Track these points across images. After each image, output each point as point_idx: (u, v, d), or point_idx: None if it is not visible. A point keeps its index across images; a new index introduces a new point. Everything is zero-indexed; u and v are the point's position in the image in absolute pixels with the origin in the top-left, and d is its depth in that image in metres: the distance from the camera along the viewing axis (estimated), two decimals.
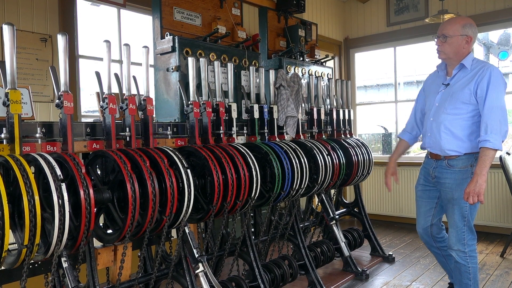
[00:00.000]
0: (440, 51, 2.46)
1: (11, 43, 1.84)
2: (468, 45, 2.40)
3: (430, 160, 2.55)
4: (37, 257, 1.80)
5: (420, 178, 2.67)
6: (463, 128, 2.39)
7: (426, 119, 2.59)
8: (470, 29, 2.40)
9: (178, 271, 2.41)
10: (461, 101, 2.37)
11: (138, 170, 2.03)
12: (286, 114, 3.32)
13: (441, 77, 2.56)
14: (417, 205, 2.69)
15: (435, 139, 2.47)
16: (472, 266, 2.42)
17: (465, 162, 2.39)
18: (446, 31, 2.41)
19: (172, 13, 3.03)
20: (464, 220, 2.40)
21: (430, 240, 2.67)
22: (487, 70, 2.34)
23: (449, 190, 2.43)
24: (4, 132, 1.85)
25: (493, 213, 5.00)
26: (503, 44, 6.58)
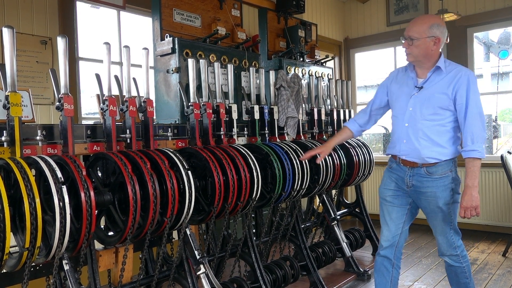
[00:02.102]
0: (408, 53, 2.32)
1: (11, 46, 1.84)
2: (436, 46, 2.27)
3: (403, 167, 2.37)
4: (38, 260, 1.80)
5: (388, 183, 2.47)
6: (442, 134, 2.29)
7: (397, 124, 2.41)
8: (438, 30, 2.25)
9: (180, 272, 2.41)
10: (439, 107, 2.25)
11: (139, 172, 2.03)
12: (287, 115, 3.32)
13: (411, 79, 2.39)
14: (386, 211, 2.48)
15: (413, 147, 2.31)
16: (466, 265, 2.39)
17: (444, 168, 2.30)
18: (412, 33, 2.26)
19: (171, 15, 3.03)
20: (450, 224, 2.34)
21: (390, 253, 2.48)
22: (465, 75, 2.26)
23: (432, 199, 2.30)
24: (5, 135, 1.85)
25: (494, 212, 4.99)
26: (503, 43, 6.57)
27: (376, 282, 2.53)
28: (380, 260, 2.51)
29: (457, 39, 5.18)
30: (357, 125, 2.66)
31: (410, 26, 2.29)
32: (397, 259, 2.50)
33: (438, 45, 2.28)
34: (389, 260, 2.48)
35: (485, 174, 5.04)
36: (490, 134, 6.68)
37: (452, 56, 5.28)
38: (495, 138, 7.01)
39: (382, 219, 2.51)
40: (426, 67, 2.34)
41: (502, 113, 7.53)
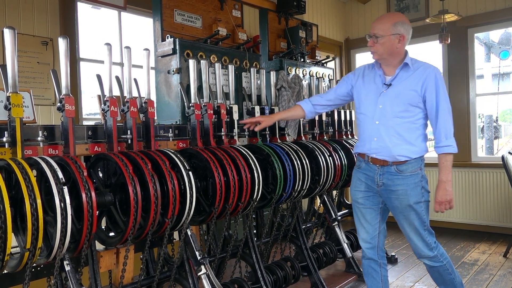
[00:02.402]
0: (373, 52, 2.33)
1: (12, 47, 1.84)
2: (401, 44, 2.27)
3: (373, 166, 2.35)
4: (39, 261, 1.80)
5: (358, 185, 2.45)
6: (413, 131, 2.29)
7: (366, 122, 2.39)
8: (402, 27, 2.26)
9: (181, 273, 2.41)
10: (409, 104, 2.26)
11: (140, 172, 2.03)
12: None
13: (378, 76, 2.38)
14: (360, 214, 2.47)
15: (384, 144, 2.30)
16: (446, 262, 2.38)
17: (414, 166, 2.29)
18: (376, 31, 2.27)
19: (172, 16, 3.04)
20: (424, 224, 2.33)
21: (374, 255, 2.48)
22: (432, 72, 2.27)
23: (403, 197, 2.29)
24: (6, 135, 1.85)
25: (495, 213, 4.99)
26: (504, 44, 6.57)
27: (368, 285, 2.54)
28: (366, 263, 2.52)
29: (457, 39, 5.18)
30: (311, 106, 2.65)
31: (375, 24, 2.31)
32: (381, 258, 2.50)
33: (403, 43, 2.29)
34: (375, 261, 2.49)
35: (486, 175, 5.04)
36: (491, 135, 6.68)
37: (453, 56, 5.28)
38: (495, 138, 7.01)
39: (357, 221, 2.51)
40: (392, 65, 2.35)
41: (503, 114, 7.54)
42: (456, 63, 5.25)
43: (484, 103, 5.84)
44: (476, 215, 5.14)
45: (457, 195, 5.24)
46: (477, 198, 5.11)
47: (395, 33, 2.25)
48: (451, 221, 5.30)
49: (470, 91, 5.22)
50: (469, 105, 5.22)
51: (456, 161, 5.21)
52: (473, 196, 5.14)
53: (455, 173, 5.24)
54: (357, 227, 2.53)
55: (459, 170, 5.22)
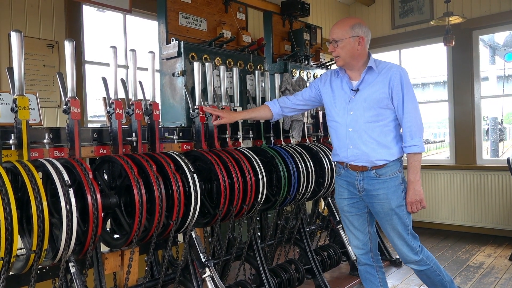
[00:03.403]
0: (336, 57, 2.31)
1: (19, 50, 1.86)
2: (361, 46, 2.26)
3: (352, 172, 2.34)
4: (45, 263, 1.81)
5: (341, 192, 2.43)
6: (387, 134, 2.27)
7: (340, 130, 2.36)
8: (360, 29, 2.26)
9: (185, 275, 2.41)
10: (379, 106, 2.25)
11: (144, 175, 2.04)
12: (292, 118, 3.32)
13: (345, 82, 2.37)
14: (347, 221, 2.45)
15: (361, 151, 2.28)
16: (433, 264, 2.37)
17: (393, 168, 2.28)
18: (335, 35, 2.28)
19: (177, 18, 3.05)
20: (407, 229, 2.31)
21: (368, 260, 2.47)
22: (396, 71, 2.25)
23: (385, 201, 2.27)
24: (12, 138, 1.86)
25: (501, 216, 4.96)
26: (509, 46, 6.55)
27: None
28: (363, 269, 2.51)
29: (462, 42, 5.16)
30: (279, 107, 2.61)
31: (332, 30, 2.32)
32: (377, 262, 2.50)
33: (363, 45, 2.28)
34: (370, 266, 2.48)
35: (491, 178, 5.01)
36: (496, 137, 6.65)
37: (458, 59, 5.27)
38: (501, 141, 6.97)
39: (347, 229, 2.49)
40: (357, 69, 2.34)
41: (508, 116, 7.50)
42: (461, 65, 5.24)
43: (489, 105, 5.82)
44: (481, 218, 5.11)
45: (462, 197, 5.22)
46: (482, 201, 5.08)
47: (353, 36, 2.26)
48: (456, 224, 5.28)
49: (475, 93, 5.20)
50: (474, 107, 5.20)
51: (461, 164, 5.24)
52: (478, 199, 5.11)
53: (460, 176, 5.22)
54: (348, 235, 2.52)
55: (464, 172, 5.19)
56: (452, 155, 5.41)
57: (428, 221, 5.47)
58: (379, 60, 2.36)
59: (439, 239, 4.95)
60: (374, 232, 2.49)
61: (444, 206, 5.36)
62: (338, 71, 2.43)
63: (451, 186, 5.30)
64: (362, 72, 2.31)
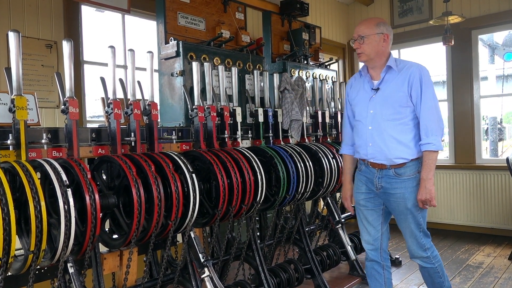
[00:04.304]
0: (360, 53, 2.36)
1: (17, 50, 1.86)
2: (386, 43, 2.33)
3: (372, 169, 2.38)
4: (43, 263, 1.81)
5: (360, 187, 2.48)
6: (407, 133, 2.30)
7: (361, 128, 2.41)
8: (384, 27, 2.33)
9: (184, 275, 2.41)
10: (399, 105, 2.28)
11: (143, 175, 2.03)
12: (291, 118, 3.31)
13: (366, 82, 2.42)
14: (362, 215, 2.48)
15: (379, 149, 2.32)
16: (438, 265, 2.41)
17: (412, 169, 2.30)
18: (362, 32, 2.33)
19: (176, 18, 3.05)
20: (420, 227, 2.35)
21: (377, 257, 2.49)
22: (417, 70, 2.29)
23: (401, 200, 2.31)
24: (10, 138, 1.86)
25: (500, 215, 4.96)
26: (508, 45, 6.54)
27: (371, 287, 2.55)
28: (370, 265, 2.53)
29: (461, 41, 5.16)
30: (349, 147, 2.62)
31: (359, 27, 2.37)
32: (385, 260, 2.52)
33: (387, 42, 2.35)
34: (378, 263, 2.50)
35: (490, 177, 5.02)
36: (495, 137, 6.65)
37: (457, 58, 5.26)
38: (500, 140, 6.97)
39: (360, 223, 2.53)
40: (379, 66, 2.38)
41: (507, 116, 7.50)
42: (460, 65, 5.24)
43: (488, 105, 5.81)
44: (480, 217, 5.11)
45: (462, 197, 5.22)
46: (482, 201, 5.09)
47: (379, 32, 2.32)
48: (456, 223, 5.28)
49: (474, 93, 5.20)
50: (473, 107, 5.20)
51: (460, 163, 5.24)
52: (477, 198, 5.11)
53: (460, 175, 5.23)
54: (360, 229, 2.55)
55: (464, 172, 5.20)
56: (451, 155, 5.42)
57: (427, 220, 5.45)
58: (400, 59, 2.41)
59: (438, 239, 4.95)
60: (386, 230, 2.51)
61: (444, 205, 5.36)
62: (360, 72, 2.50)
63: (450, 185, 5.30)
64: (382, 71, 2.37)
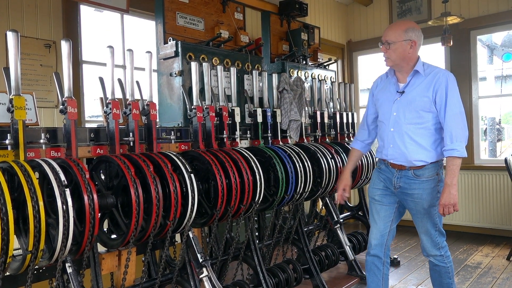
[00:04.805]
0: (386, 58, 2.39)
1: (16, 50, 1.85)
2: (413, 49, 2.33)
3: (392, 169, 2.43)
4: (41, 263, 1.81)
5: (377, 183, 2.53)
6: (428, 137, 2.33)
7: (383, 129, 2.46)
8: (413, 33, 2.33)
9: (182, 275, 2.41)
10: (421, 109, 2.31)
11: (141, 175, 2.03)
12: (290, 118, 3.32)
13: (392, 84, 2.45)
14: (375, 210, 2.54)
15: (400, 151, 2.37)
16: (450, 266, 2.46)
17: (431, 171, 2.34)
18: (388, 38, 2.34)
19: (175, 18, 3.05)
20: (436, 226, 2.40)
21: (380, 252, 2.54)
22: (443, 76, 2.30)
23: (419, 201, 2.36)
24: (9, 138, 1.85)
25: (499, 215, 4.97)
26: (507, 46, 6.55)
27: (369, 281, 2.60)
28: (370, 259, 2.57)
29: (460, 42, 5.17)
30: (360, 142, 2.69)
31: (387, 32, 2.38)
32: (386, 257, 2.57)
33: (415, 48, 2.35)
34: (379, 258, 2.55)
35: (489, 177, 5.02)
36: (494, 137, 6.66)
37: (456, 59, 5.27)
38: (498, 141, 6.98)
39: (371, 218, 2.58)
40: (406, 71, 2.40)
41: (506, 116, 7.51)
42: (459, 65, 5.25)
43: (486, 105, 5.82)
44: (479, 217, 5.12)
45: (460, 197, 5.23)
46: (480, 201, 5.09)
47: (406, 39, 2.32)
48: (454, 223, 5.28)
49: (473, 93, 5.21)
50: (472, 107, 5.21)
51: None
52: (476, 198, 5.12)
53: (458, 175, 5.22)
54: (370, 223, 2.60)
55: (462, 172, 5.20)
56: None
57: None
58: (428, 64, 2.42)
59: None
60: (394, 229, 2.57)
61: None
62: (387, 73, 2.51)
63: None
64: (409, 75, 2.38)
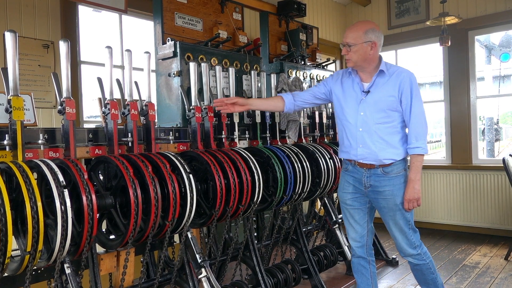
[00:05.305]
0: (348, 59, 2.41)
1: (14, 50, 1.85)
2: (374, 50, 2.35)
3: (360, 169, 2.44)
4: (40, 264, 1.80)
5: (346, 187, 2.53)
6: (395, 135, 2.38)
7: (350, 129, 2.45)
8: (373, 34, 2.34)
9: (181, 276, 2.41)
10: (389, 109, 2.35)
11: (140, 175, 2.03)
12: (288, 118, 3.32)
13: (356, 83, 2.46)
14: (348, 214, 2.55)
15: (370, 150, 2.38)
16: (429, 261, 2.48)
17: (399, 167, 2.39)
18: (349, 40, 2.36)
19: (173, 19, 3.04)
20: (409, 223, 2.43)
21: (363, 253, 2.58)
22: (407, 76, 2.35)
23: (390, 197, 2.38)
24: (7, 138, 1.85)
25: (497, 215, 4.98)
26: (505, 46, 6.58)
27: (358, 282, 2.64)
28: (356, 261, 2.62)
29: (458, 42, 5.18)
30: (291, 96, 2.66)
31: (346, 33, 2.40)
32: (370, 255, 2.62)
33: (375, 49, 2.38)
34: (364, 259, 2.60)
35: (487, 177, 5.03)
36: (492, 137, 6.68)
37: (454, 59, 5.28)
38: (496, 141, 7.01)
39: (347, 222, 2.60)
40: (368, 71, 2.43)
41: (504, 116, 7.54)
42: (457, 65, 5.26)
43: (485, 105, 5.85)
44: (477, 217, 5.13)
45: (458, 197, 5.24)
46: (478, 201, 5.10)
47: (366, 41, 2.34)
48: (452, 223, 5.29)
49: (471, 93, 5.22)
50: (470, 107, 5.22)
51: (457, 164, 5.25)
52: (474, 198, 5.13)
53: (456, 176, 5.24)
54: (347, 227, 2.62)
55: (460, 172, 5.21)
56: (448, 155, 5.43)
57: (424, 220, 5.48)
58: (390, 63, 2.46)
59: (435, 239, 4.96)
60: (371, 227, 2.61)
61: (440, 205, 5.37)
62: (350, 71, 2.51)
63: (447, 186, 5.31)
64: (374, 75, 2.41)
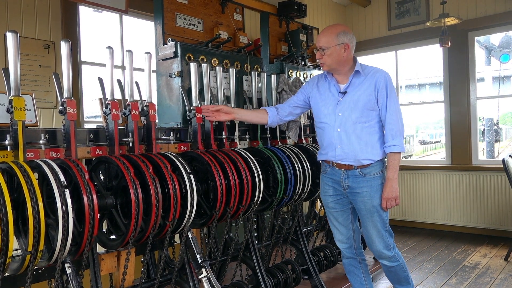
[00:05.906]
0: (322, 63, 2.44)
1: (15, 50, 1.85)
2: (347, 52, 2.38)
3: (338, 170, 2.46)
4: (41, 263, 1.81)
5: (326, 189, 2.57)
6: (372, 135, 2.40)
7: (329, 130, 2.47)
8: (345, 37, 2.37)
9: (182, 276, 2.41)
10: (366, 108, 2.38)
11: (141, 175, 2.04)
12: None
13: (332, 85, 2.49)
14: (332, 217, 2.59)
15: (348, 150, 2.40)
16: (402, 261, 2.52)
17: (377, 168, 2.40)
18: (322, 44, 2.39)
19: (174, 19, 3.05)
20: (385, 226, 2.44)
21: (352, 253, 2.60)
22: (382, 76, 2.38)
23: (368, 199, 2.39)
24: (8, 138, 1.85)
25: (496, 216, 4.99)
26: (505, 47, 6.59)
27: (352, 282, 2.67)
28: (347, 262, 2.65)
29: (458, 43, 5.19)
30: (274, 110, 2.69)
31: (319, 38, 2.43)
32: (360, 255, 2.64)
33: (349, 51, 2.40)
34: (354, 259, 2.63)
35: (486, 178, 5.04)
36: (492, 138, 6.68)
37: (454, 60, 5.29)
38: (496, 142, 7.01)
39: (331, 225, 2.63)
40: (344, 73, 2.46)
41: (504, 117, 7.54)
42: (457, 66, 5.26)
43: (484, 106, 5.86)
44: (477, 218, 5.13)
45: (458, 198, 5.24)
46: (478, 202, 5.11)
47: (339, 43, 2.37)
48: (452, 224, 5.30)
49: (471, 94, 5.22)
50: (470, 108, 5.22)
51: (457, 165, 5.26)
52: (474, 199, 5.14)
53: (456, 176, 5.25)
54: (332, 230, 2.65)
55: (460, 173, 5.22)
56: (448, 156, 5.44)
57: (424, 221, 5.49)
58: (365, 64, 2.49)
59: (435, 240, 4.97)
60: (357, 227, 2.62)
61: (440, 206, 5.38)
62: (325, 75, 2.54)
63: (447, 186, 5.32)
64: (350, 75, 2.44)
